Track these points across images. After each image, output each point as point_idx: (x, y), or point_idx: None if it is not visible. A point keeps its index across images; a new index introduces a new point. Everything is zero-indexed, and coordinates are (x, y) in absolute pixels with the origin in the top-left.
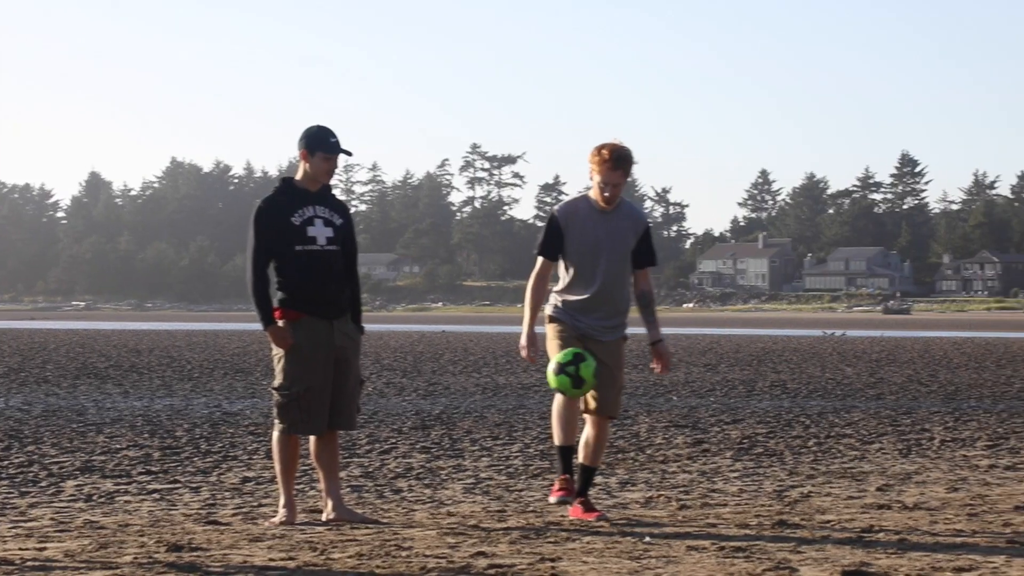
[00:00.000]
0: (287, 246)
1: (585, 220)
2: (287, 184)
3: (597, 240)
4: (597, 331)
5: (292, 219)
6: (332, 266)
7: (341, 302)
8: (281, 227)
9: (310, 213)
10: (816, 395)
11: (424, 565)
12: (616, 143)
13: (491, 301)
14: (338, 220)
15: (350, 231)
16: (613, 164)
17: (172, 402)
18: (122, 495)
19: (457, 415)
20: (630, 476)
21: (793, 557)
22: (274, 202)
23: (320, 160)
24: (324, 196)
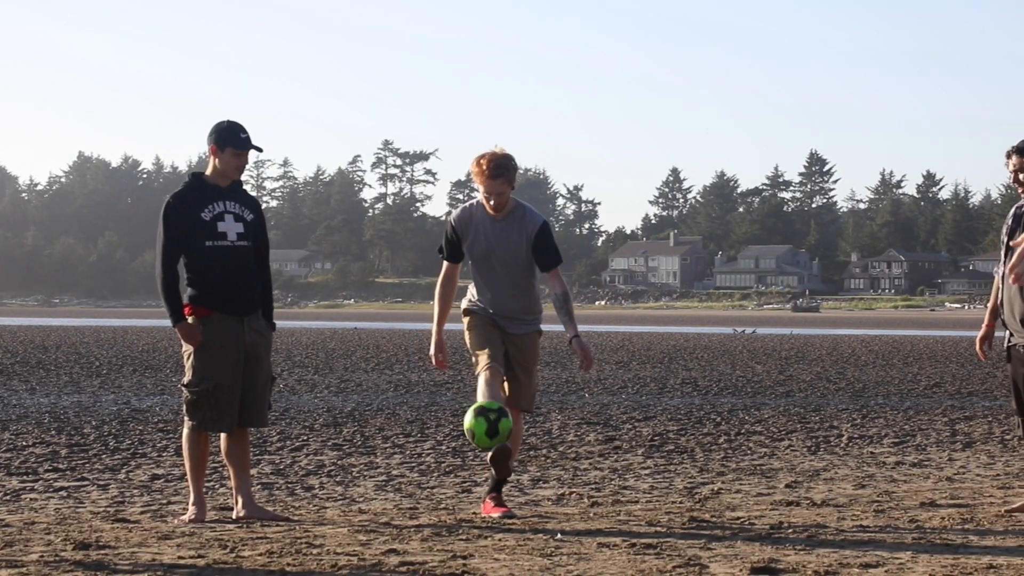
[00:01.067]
0: (197, 242)
1: (479, 226)
2: (197, 179)
3: (489, 246)
4: (506, 323)
5: (202, 214)
6: (243, 262)
7: (252, 298)
8: (191, 222)
9: (220, 208)
10: (727, 392)
11: (335, 563)
12: (495, 152)
13: (403, 298)
14: (249, 215)
15: (261, 226)
16: (491, 173)
17: (80, 399)
18: (28, 492)
19: (369, 412)
20: (542, 473)
21: (703, 554)
22: (184, 197)
23: (230, 156)
24: (235, 191)
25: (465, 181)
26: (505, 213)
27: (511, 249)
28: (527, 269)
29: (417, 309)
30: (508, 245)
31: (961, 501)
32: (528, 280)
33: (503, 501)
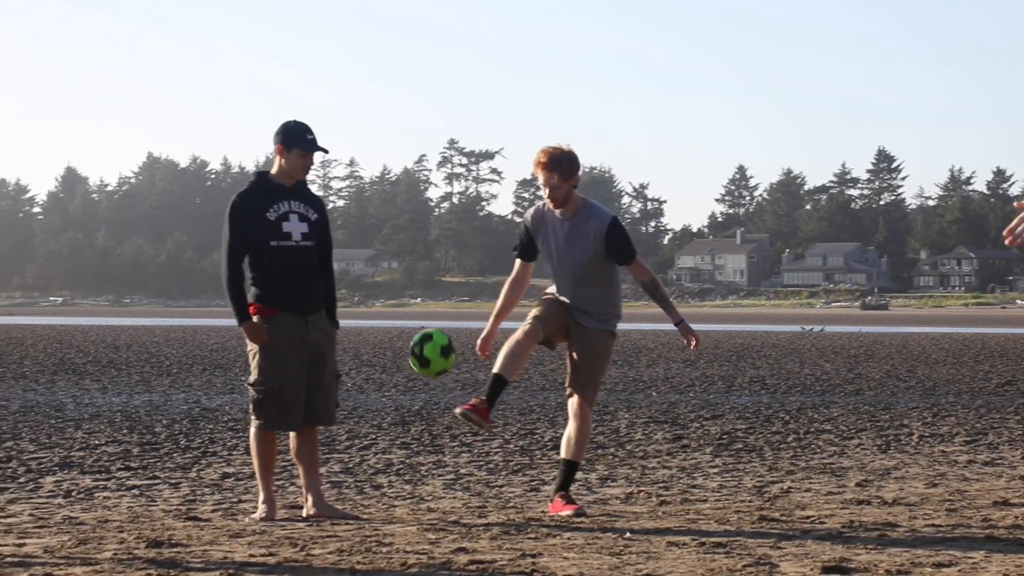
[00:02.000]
0: (262, 242)
1: (549, 225)
2: (262, 179)
3: (558, 244)
4: (579, 315)
5: (267, 214)
6: (307, 261)
7: (315, 297)
8: (256, 222)
9: (285, 208)
10: (795, 391)
11: (405, 561)
12: (556, 146)
13: (469, 297)
14: (313, 215)
15: (325, 226)
16: (544, 166)
17: (151, 398)
18: (101, 491)
19: (436, 411)
20: (610, 472)
21: (773, 553)
22: (249, 197)
23: (296, 157)
24: (299, 191)
25: (530, 180)
26: (573, 211)
27: (581, 247)
28: (601, 267)
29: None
30: (577, 244)
31: None
32: (603, 279)
33: (572, 499)
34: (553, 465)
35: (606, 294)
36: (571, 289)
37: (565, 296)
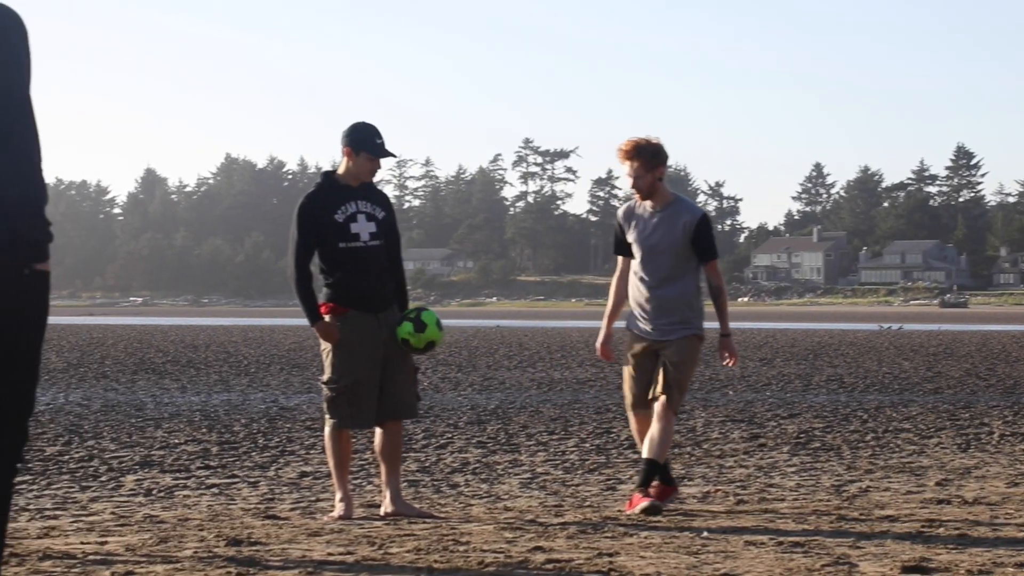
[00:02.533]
0: (331, 243)
1: (638, 218)
2: (329, 179)
3: (646, 236)
4: (658, 332)
5: (335, 216)
6: (376, 261)
7: (386, 296)
8: (324, 224)
9: (353, 209)
10: (873, 389)
11: (482, 560)
12: (639, 137)
13: (545, 296)
14: (380, 214)
15: (392, 223)
16: (626, 154)
17: (229, 397)
18: (181, 489)
19: (513, 410)
20: (687, 471)
21: (852, 552)
22: (316, 198)
23: (364, 160)
24: (367, 190)
25: (606, 178)
26: (663, 204)
27: (669, 240)
28: (684, 263)
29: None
30: (666, 236)
31: None
32: (685, 275)
33: (648, 495)
34: (629, 464)
35: (688, 292)
36: (653, 287)
37: (650, 295)
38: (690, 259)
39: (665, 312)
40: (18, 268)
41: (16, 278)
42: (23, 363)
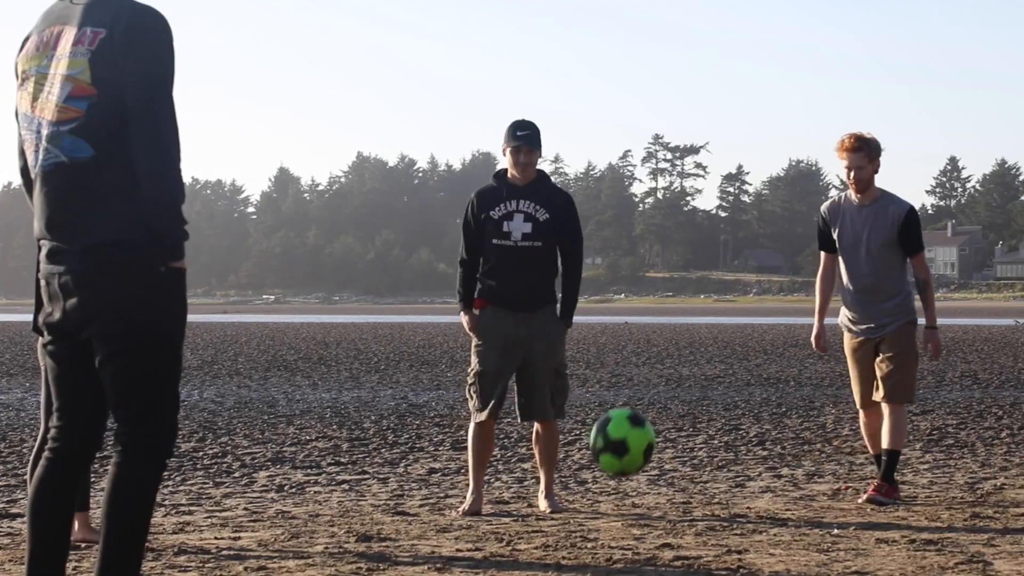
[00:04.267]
0: (487, 239)
1: (846, 213)
2: (498, 177)
3: (856, 233)
4: (874, 326)
5: (492, 213)
6: (525, 261)
7: (533, 297)
8: (482, 219)
9: (511, 208)
10: (1009, 385)
11: (610, 556)
12: (856, 132)
13: (673, 292)
14: (543, 216)
15: (563, 225)
16: (852, 146)
17: (359, 394)
18: (312, 485)
19: (640, 406)
20: (817, 468)
21: (987, 551)
22: (482, 195)
23: (509, 154)
24: (535, 190)
25: (735, 174)
26: (872, 199)
27: (879, 233)
28: (893, 256)
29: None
30: (876, 229)
31: None
32: (896, 266)
33: (896, 485)
34: (758, 460)
35: (899, 284)
36: (863, 277)
37: (859, 289)
38: (897, 252)
39: (878, 305)
40: (155, 265)
41: (154, 275)
42: (165, 360)
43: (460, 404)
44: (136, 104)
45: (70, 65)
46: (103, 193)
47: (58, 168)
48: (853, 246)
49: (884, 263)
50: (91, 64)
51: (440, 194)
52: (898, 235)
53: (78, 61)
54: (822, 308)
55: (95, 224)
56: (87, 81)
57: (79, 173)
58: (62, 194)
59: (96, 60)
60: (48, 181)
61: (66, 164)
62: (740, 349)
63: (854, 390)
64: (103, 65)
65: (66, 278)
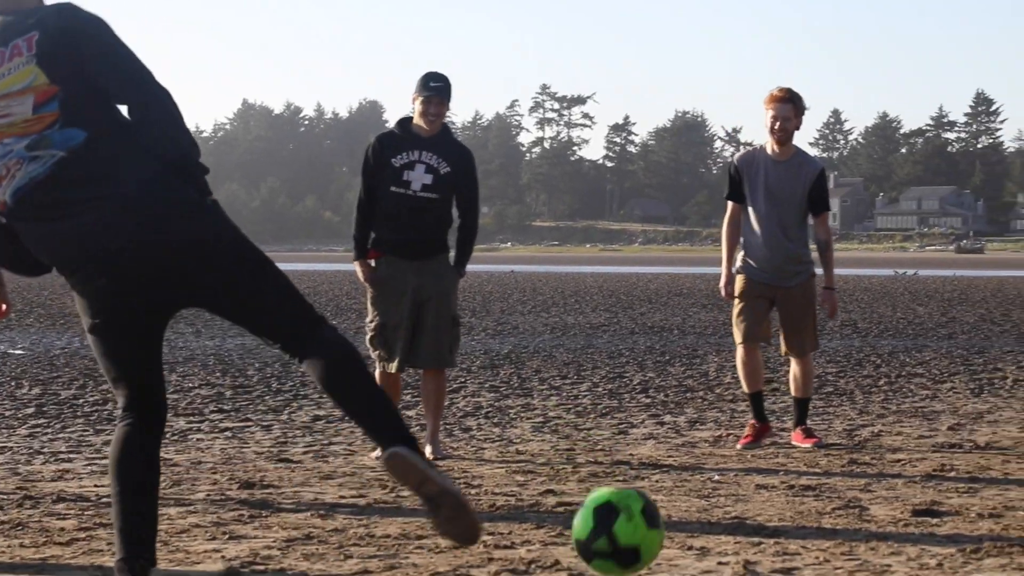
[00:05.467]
0: (384, 186)
1: (761, 166)
2: (401, 126)
3: (768, 185)
4: (778, 278)
5: (393, 160)
6: (424, 211)
7: (428, 246)
8: (382, 167)
9: (413, 157)
10: (887, 335)
11: (493, 503)
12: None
13: (559, 241)
14: (445, 169)
15: (461, 179)
16: (780, 100)
17: (243, 341)
18: (195, 433)
19: (526, 354)
20: (699, 415)
21: (863, 496)
22: (385, 139)
23: (418, 104)
24: (438, 142)
25: (622, 125)
26: (788, 155)
27: (791, 190)
28: (802, 214)
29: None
30: (789, 186)
31: None
32: (802, 224)
33: (812, 432)
34: (641, 408)
35: (804, 240)
36: (774, 233)
37: (765, 242)
38: (805, 209)
39: (783, 258)
40: (205, 201)
41: (210, 210)
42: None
43: None
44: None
45: (18, 79)
46: (121, 155)
47: (59, 165)
48: (764, 199)
49: (792, 218)
50: (40, 66)
51: (327, 142)
52: (807, 193)
53: (25, 71)
54: (730, 257)
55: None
56: (45, 83)
57: (84, 155)
58: (76, 182)
59: (43, 60)
60: (50, 183)
61: (66, 157)
62: (625, 298)
63: (739, 325)
64: (53, 62)
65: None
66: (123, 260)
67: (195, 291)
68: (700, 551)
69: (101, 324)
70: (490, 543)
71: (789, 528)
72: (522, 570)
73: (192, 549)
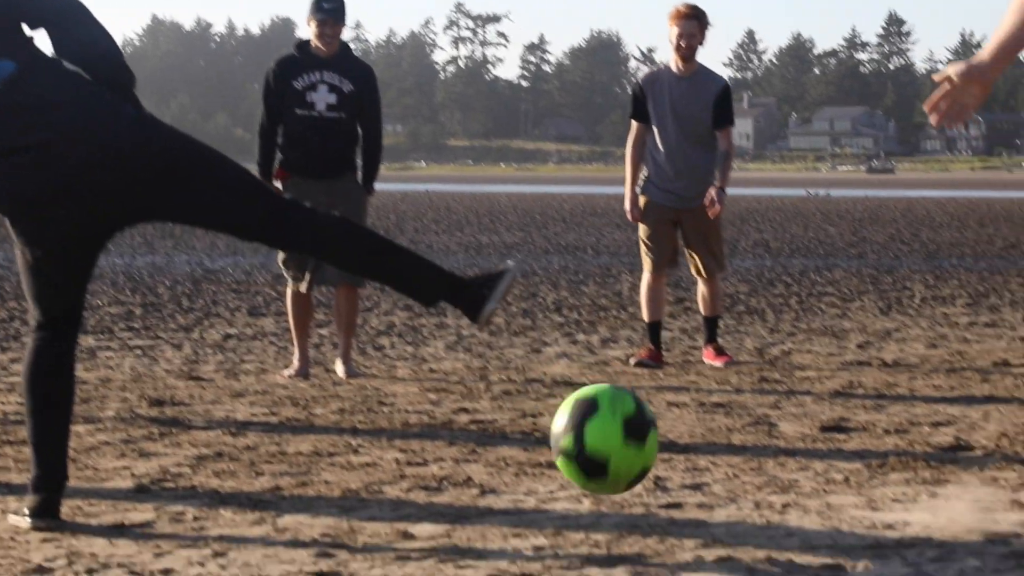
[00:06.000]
0: (288, 109)
1: (665, 84)
2: (300, 48)
3: (673, 101)
4: (683, 198)
5: (295, 83)
6: (329, 131)
7: (334, 165)
8: (283, 90)
9: (315, 79)
10: (799, 254)
11: (406, 420)
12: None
13: (474, 160)
14: (348, 87)
15: (364, 97)
16: (685, 16)
17: (154, 259)
18: (104, 351)
19: None
20: (612, 334)
21: (772, 413)
22: (283, 64)
23: (312, 25)
24: (338, 62)
25: (537, 44)
26: (691, 72)
27: (698, 105)
28: (707, 129)
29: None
30: (695, 102)
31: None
32: (708, 142)
33: (723, 350)
34: (554, 327)
35: (709, 158)
36: (680, 150)
37: (669, 160)
38: (710, 126)
39: (689, 177)
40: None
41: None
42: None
43: (256, 270)
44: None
45: None
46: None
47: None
48: (669, 117)
49: (697, 136)
50: None
51: (238, 59)
52: (712, 109)
53: None
54: (634, 177)
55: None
56: None
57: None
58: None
59: None
60: None
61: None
62: (539, 217)
63: (648, 255)
64: None
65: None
66: (78, 186)
67: (155, 203)
68: None
69: (44, 256)
70: (402, 460)
71: (699, 444)
72: (434, 487)
73: (102, 466)
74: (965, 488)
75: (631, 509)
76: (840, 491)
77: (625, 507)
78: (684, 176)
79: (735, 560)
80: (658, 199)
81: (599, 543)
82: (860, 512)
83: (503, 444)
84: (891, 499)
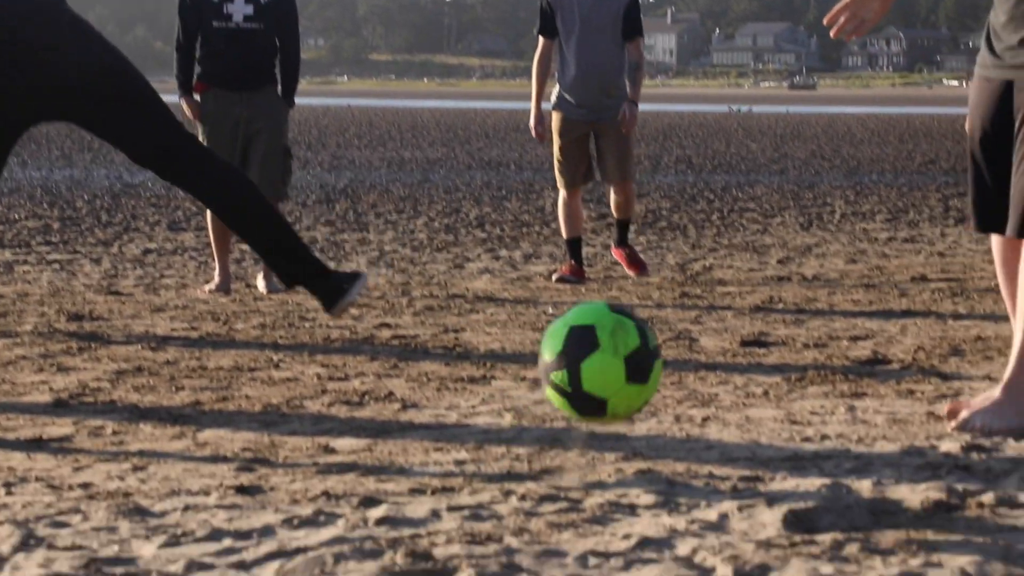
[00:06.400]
0: (206, 22)
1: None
2: None
3: (581, 16)
4: (595, 112)
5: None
6: (248, 43)
7: (251, 77)
8: (199, 4)
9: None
10: (720, 170)
11: (327, 335)
12: None
13: (397, 75)
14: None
15: (284, 7)
16: None
17: (72, 173)
18: (21, 265)
19: (362, 189)
20: (535, 250)
21: (693, 328)
22: None
23: None
24: None
25: None
26: None
27: (606, 14)
28: (616, 42)
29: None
30: (603, 10)
31: (951, 275)
32: (618, 54)
33: (638, 257)
34: (477, 243)
35: (619, 70)
36: (589, 60)
37: (580, 74)
38: (620, 38)
39: (598, 90)
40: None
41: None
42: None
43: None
44: None
45: None
46: None
47: None
48: (578, 30)
49: (606, 48)
50: None
51: None
52: (622, 21)
53: None
54: (539, 94)
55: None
56: None
57: None
58: None
59: None
60: None
61: None
62: (462, 133)
63: (562, 172)
64: None
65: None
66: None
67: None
68: (534, 382)
69: None
70: (324, 375)
71: None
72: (356, 401)
73: (19, 380)
74: (882, 401)
75: (553, 423)
76: (759, 404)
77: (547, 421)
78: (595, 90)
79: (655, 472)
80: (571, 114)
81: (520, 457)
82: (779, 425)
83: (425, 359)
84: (809, 412)
